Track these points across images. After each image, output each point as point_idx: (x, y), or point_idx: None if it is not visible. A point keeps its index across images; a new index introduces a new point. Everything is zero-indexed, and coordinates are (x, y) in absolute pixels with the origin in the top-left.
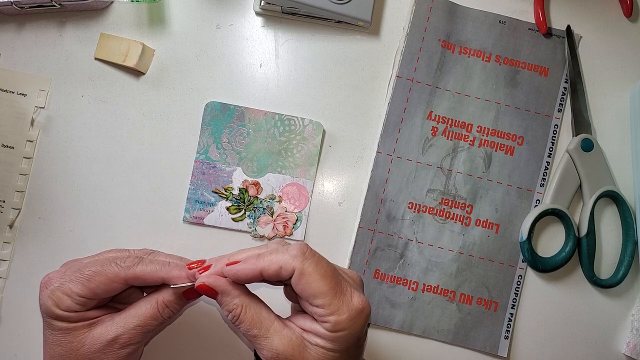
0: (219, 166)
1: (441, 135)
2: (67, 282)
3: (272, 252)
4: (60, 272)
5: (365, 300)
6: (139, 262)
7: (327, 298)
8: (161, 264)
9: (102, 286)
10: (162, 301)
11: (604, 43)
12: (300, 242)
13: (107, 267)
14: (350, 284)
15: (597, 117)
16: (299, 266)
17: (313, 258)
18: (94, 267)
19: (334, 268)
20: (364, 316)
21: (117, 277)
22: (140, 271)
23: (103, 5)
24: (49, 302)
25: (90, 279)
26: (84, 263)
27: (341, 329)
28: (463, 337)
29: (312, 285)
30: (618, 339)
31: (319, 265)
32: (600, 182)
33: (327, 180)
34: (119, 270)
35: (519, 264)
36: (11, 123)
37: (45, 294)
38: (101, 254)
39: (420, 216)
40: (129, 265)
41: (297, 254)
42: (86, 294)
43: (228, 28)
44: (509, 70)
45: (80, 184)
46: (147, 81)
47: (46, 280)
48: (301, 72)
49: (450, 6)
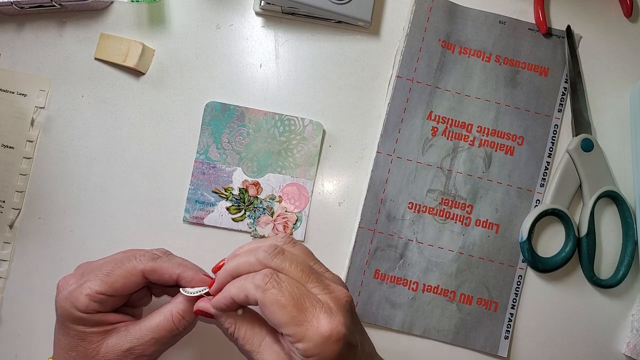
0: (219, 166)
1: (441, 135)
2: (86, 281)
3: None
4: (77, 274)
5: (336, 326)
6: (157, 257)
7: (289, 328)
8: (178, 262)
9: (121, 280)
10: (177, 312)
11: (604, 43)
12: (266, 270)
13: (125, 262)
14: (321, 306)
15: (597, 117)
16: (259, 298)
17: (274, 287)
18: (111, 265)
19: (299, 293)
20: (333, 342)
21: (135, 269)
22: (159, 266)
23: (103, 5)
24: (67, 304)
25: (109, 273)
26: (100, 263)
27: (311, 355)
28: (463, 337)
29: (273, 316)
30: (618, 339)
31: (280, 292)
32: (600, 182)
33: (327, 180)
34: (137, 263)
35: (519, 264)
36: (11, 123)
37: (62, 296)
38: (117, 254)
39: (420, 216)
40: (148, 259)
41: (259, 284)
42: (105, 289)
43: (228, 28)
44: (509, 71)
45: (80, 184)
46: (147, 81)
47: (63, 282)
48: (301, 72)
49: (450, 6)
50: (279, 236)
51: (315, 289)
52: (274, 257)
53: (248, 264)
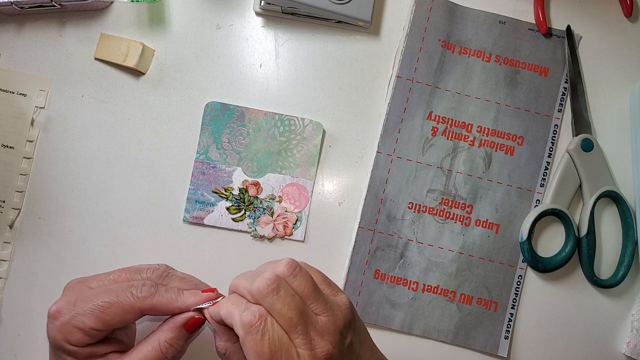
0: (219, 166)
1: (441, 135)
2: (79, 314)
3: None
4: (69, 301)
5: None
6: (155, 292)
7: None
8: (176, 292)
9: (117, 317)
10: (164, 341)
11: (604, 43)
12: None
13: (122, 298)
14: None
15: (597, 117)
16: (240, 336)
17: (257, 332)
18: (107, 297)
19: (279, 346)
20: None
21: (132, 308)
22: (157, 302)
23: (103, 5)
24: (59, 336)
25: (105, 310)
26: (95, 291)
27: None
28: (463, 337)
29: (249, 358)
30: (618, 339)
31: (261, 342)
32: (600, 182)
33: (327, 180)
34: (135, 301)
35: (519, 264)
36: (11, 123)
37: (55, 327)
38: (110, 274)
39: (420, 216)
40: (146, 296)
41: (245, 322)
42: (99, 326)
43: (228, 28)
44: (509, 70)
45: (80, 184)
46: (147, 81)
47: (55, 311)
48: (301, 72)
49: (450, 6)
50: (283, 263)
51: (299, 339)
52: (268, 295)
53: (245, 289)
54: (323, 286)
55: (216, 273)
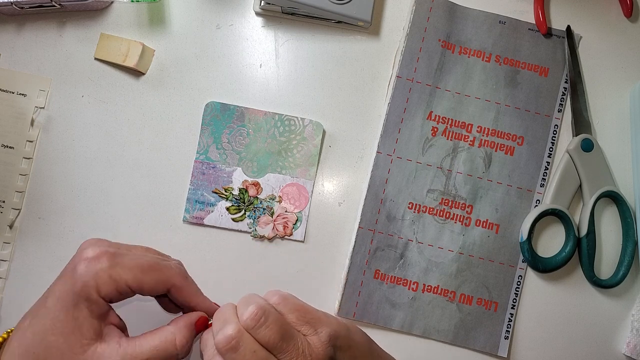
0: (219, 166)
1: (441, 135)
2: (120, 266)
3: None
4: (108, 252)
5: None
6: (186, 276)
7: None
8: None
9: (152, 283)
10: (181, 337)
11: (604, 43)
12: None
13: (163, 266)
14: None
15: (597, 117)
16: None
17: None
18: (150, 260)
19: None
20: None
21: (168, 280)
22: (187, 286)
23: (103, 5)
24: (92, 282)
25: (145, 271)
26: (134, 252)
27: None
28: (463, 337)
29: None
30: (618, 339)
31: None
32: (600, 182)
33: (327, 180)
34: (174, 274)
35: (519, 264)
36: (11, 123)
37: (91, 271)
38: (142, 248)
39: (420, 216)
40: (184, 276)
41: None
42: (134, 285)
43: (228, 28)
44: (509, 71)
45: (80, 184)
46: (147, 81)
47: (97, 255)
48: (301, 72)
49: (450, 6)
50: (249, 313)
51: None
52: (227, 353)
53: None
54: (300, 325)
55: (216, 273)
